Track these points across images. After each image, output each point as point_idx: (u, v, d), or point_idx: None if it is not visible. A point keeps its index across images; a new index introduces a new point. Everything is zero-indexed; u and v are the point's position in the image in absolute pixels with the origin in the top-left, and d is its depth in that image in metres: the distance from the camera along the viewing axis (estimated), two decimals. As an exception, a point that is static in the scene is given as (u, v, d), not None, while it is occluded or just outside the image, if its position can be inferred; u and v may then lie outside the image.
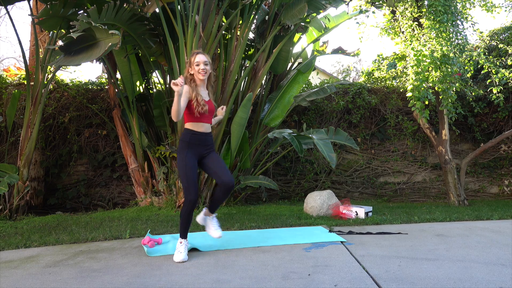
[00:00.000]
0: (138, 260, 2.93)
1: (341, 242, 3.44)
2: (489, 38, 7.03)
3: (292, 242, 3.41)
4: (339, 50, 6.81)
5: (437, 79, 5.17)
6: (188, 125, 3.02)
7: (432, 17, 5.03)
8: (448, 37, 5.01)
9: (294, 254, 3.03)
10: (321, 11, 5.30)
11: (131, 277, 2.54)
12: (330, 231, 3.86)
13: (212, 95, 3.21)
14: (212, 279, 2.48)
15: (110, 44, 3.56)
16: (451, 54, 4.95)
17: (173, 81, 2.76)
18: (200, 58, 2.98)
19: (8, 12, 4.98)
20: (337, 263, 2.79)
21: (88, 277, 2.55)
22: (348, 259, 2.89)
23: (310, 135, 4.73)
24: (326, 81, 7.58)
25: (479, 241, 3.46)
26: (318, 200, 4.91)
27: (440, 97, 5.51)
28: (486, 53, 6.54)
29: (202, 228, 4.03)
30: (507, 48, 5.98)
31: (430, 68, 5.21)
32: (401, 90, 7.39)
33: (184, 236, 3.00)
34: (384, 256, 2.98)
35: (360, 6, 5.40)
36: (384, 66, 7.71)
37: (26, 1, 4.93)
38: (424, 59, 5.04)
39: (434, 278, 2.45)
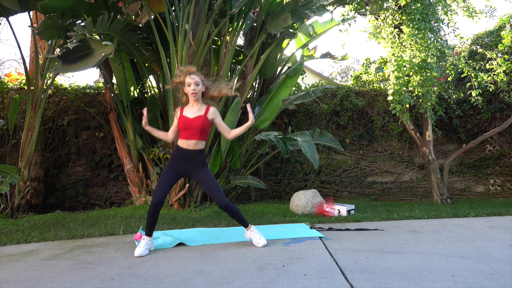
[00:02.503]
0: (129, 254, 3.17)
1: (320, 237, 3.67)
2: (471, 42, 7.28)
3: (274, 238, 3.64)
4: (327, 55, 7.07)
5: (416, 83, 5.43)
6: (178, 141, 3.25)
7: (411, 24, 5.29)
8: (426, 43, 5.27)
9: (274, 248, 3.27)
10: (304, 20, 5.56)
11: (122, 268, 2.79)
12: (311, 227, 4.11)
13: (209, 110, 3.24)
14: (195, 270, 2.73)
15: (103, 54, 3.83)
16: (429, 59, 5.21)
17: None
18: (191, 79, 3.11)
19: (9, 22, 5.24)
20: (311, 256, 3.03)
21: (83, 269, 2.80)
22: (322, 253, 3.14)
23: (295, 137, 4.98)
24: (315, 84, 7.84)
25: (448, 236, 3.71)
26: (303, 199, 5.17)
27: (420, 100, 5.78)
28: (466, 58, 6.78)
29: (191, 225, 4.31)
30: (486, 53, 6.23)
31: (411, 73, 5.46)
32: (387, 93, 7.64)
33: (147, 233, 3.22)
34: (356, 250, 3.22)
35: (343, 15, 5.64)
36: (373, 69, 7.96)
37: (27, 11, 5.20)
38: (404, 64, 5.29)
39: (396, 268, 2.71)
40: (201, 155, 3.26)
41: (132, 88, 6.19)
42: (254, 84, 6.85)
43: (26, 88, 5.65)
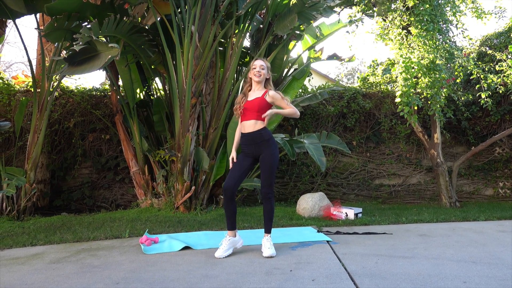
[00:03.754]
0: (135, 257, 3.15)
1: (327, 241, 3.63)
2: (480, 44, 7.19)
3: (281, 241, 3.61)
4: (334, 57, 7.03)
5: (425, 85, 5.36)
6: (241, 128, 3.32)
7: (419, 25, 5.23)
8: (434, 44, 5.20)
9: (281, 252, 3.23)
10: (311, 21, 5.52)
11: (127, 272, 2.76)
12: (318, 231, 4.06)
13: (272, 90, 3.27)
14: (201, 274, 2.70)
15: (109, 56, 3.82)
16: (438, 61, 5.14)
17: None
18: (257, 62, 3.24)
19: (15, 24, 5.26)
20: (319, 261, 2.99)
21: (88, 272, 2.78)
22: (330, 257, 3.10)
23: (302, 140, 4.94)
24: (322, 86, 7.79)
25: (458, 241, 3.65)
26: (310, 202, 5.12)
27: (429, 102, 5.71)
28: (476, 59, 6.70)
29: (197, 228, 4.28)
30: (496, 54, 6.15)
31: (419, 75, 5.40)
32: (395, 95, 7.57)
33: (228, 227, 3.24)
34: (364, 254, 3.18)
35: (350, 16, 5.60)
36: (380, 71, 7.90)
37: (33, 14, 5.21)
38: (413, 66, 5.23)
39: (406, 273, 2.65)
40: (263, 135, 3.20)
41: (138, 90, 6.19)
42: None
43: (32, 91, 5.66)
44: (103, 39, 4.57)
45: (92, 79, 40.37)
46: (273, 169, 3.20)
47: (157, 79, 6.63)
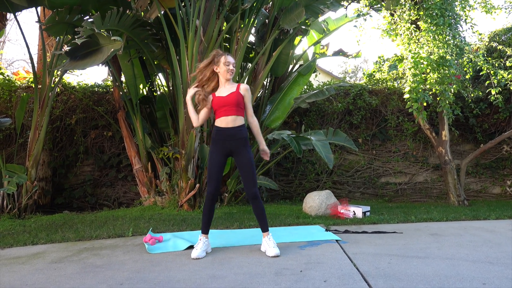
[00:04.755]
0: (139, 257, 3.05)
1: (336, 240, 3.52)
2: (488, 40, 7.07)
3: (288, 240, 3.50)
4: (340, 52, 6.91)
5: (434, 81, 5.24)
6: (215, 122, 3.19)
7: (429, 20, 5.11)
8: (444, 39, 5.08)
9: (289, 252, 3.12)
10: (319, 15, 5.40)
11: (131, 273, 2.66)
12: (326, 230, 3.95)
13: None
14: (208, 274, 2.60)
15: (112, 49, 3.71)
16: (448, 57, 5.02)
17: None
18: (231, 59, 3.16)
19: (16, 18, 5.16)
20: (329, 260, 2.88)
21: (91, 272, 2.68)
22: (341, 257, 2.99)
23: (309, 137, 4.83)
24: (328, 82, 7.68)
25: (472, 240, 3.54)
26: (317, 200, 5.01)
27: (438, 98, 5.59)
28: (485, 55, 6.58)
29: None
30: (506, 50, 6.02)
31: (428, 70, 5.28)
32: (402, 92, 7.46)
33: (203, 231, 3.14)
34: (376, 254, 3.07)
35: (358, 10, 5.48)
36: (385, 67, 7.78)
37: (34, 8, 5.10)
38: (422, 61, 5.11)
39: (421, 274, 2.54)
40: (242, 132, 3.14)
41: (141, 86, 6.10)
42: (265, 82, 6.71)
43: (33, 86, 5.57)
44: (105, 33, 4.47)
45: (94, 75, 40.40)
46: (254, 166, 3.15)
47: (160, 75, 6.54)
